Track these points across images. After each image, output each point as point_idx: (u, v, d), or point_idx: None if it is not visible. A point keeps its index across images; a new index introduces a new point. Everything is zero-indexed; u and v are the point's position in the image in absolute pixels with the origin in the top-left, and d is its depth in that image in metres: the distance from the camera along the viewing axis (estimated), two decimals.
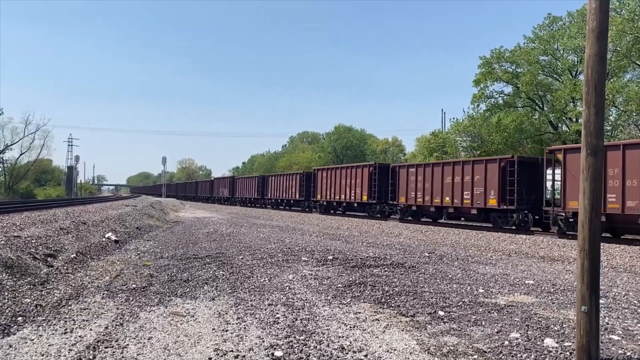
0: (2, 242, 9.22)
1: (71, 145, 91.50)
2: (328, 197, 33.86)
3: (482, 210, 21.31)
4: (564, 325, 5.78)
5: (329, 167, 37.41)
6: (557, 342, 5.11)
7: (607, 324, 5.93)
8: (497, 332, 5.47)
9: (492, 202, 20.43)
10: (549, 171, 17.94)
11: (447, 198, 22.74)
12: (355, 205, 31.18)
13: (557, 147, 18.43)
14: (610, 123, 32.54)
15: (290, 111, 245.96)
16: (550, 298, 7.48)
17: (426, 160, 38.18)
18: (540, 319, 6.08)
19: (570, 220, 16.72)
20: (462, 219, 23.84)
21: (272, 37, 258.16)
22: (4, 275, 7.24)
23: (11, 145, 61.98)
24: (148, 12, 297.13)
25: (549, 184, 17.83)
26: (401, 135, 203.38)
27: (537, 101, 38.52)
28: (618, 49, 30.52)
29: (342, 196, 31.98)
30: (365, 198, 29.42)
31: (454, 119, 47.04)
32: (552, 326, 5.76)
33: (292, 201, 41.45)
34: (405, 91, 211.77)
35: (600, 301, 4.87)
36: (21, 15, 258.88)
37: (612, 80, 30.56)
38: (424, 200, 24.30)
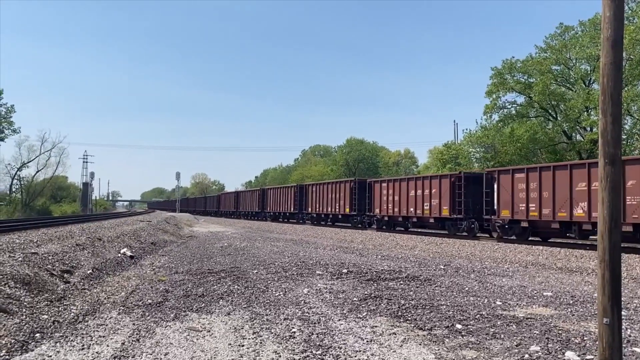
0: (20, 258, 9.32)
1: (86, 162, 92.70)
2: (318, 209, 36.51)
3: (438, 219, 24.00)
4: (585, 338, 5.68)
5: (317, 182, 40.50)
6: (578, 356, 5.02)
7: (629, 336, 5.81)
8: (516, 346, 5.38)
9: (445, 212, 23.24)
10: (488, 188, 21.63)
11: (412, 209, 25.58)
12: (340, 216, 33.80)
13: (492, 169, 23.07)
14: (625, 132, 32.18)
15: (302, 125, 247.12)
16: (569, 310, 7.36)
17: (402, 175, 41.36)
18: (560, 332, 5.97)
19: (505, 226, 20.15)
20: (425, 227, 26.46)
21: (283, 51, 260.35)
22: (22, 291, 7.31)
23: (28, 162, 62.84)
24: (160, 29, 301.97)
25: (488, 197, 21.37)
26: (413, 147, 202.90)
27: (550, 111, 38.20)
28: (632, 57, 30.25)
29: (329, 208, 34.76)
30: (347, 210, 32.17)
31: (466, 130, 46.82)
32: (572, 339, 5.65)
33: (287, 214, 42.94)
34: (417, 103, 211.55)
35: (622, 313, 4.77)
36: (36, 34, 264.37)
37: (626, 88, 30.26)
38: (394, 212, 27.03)
